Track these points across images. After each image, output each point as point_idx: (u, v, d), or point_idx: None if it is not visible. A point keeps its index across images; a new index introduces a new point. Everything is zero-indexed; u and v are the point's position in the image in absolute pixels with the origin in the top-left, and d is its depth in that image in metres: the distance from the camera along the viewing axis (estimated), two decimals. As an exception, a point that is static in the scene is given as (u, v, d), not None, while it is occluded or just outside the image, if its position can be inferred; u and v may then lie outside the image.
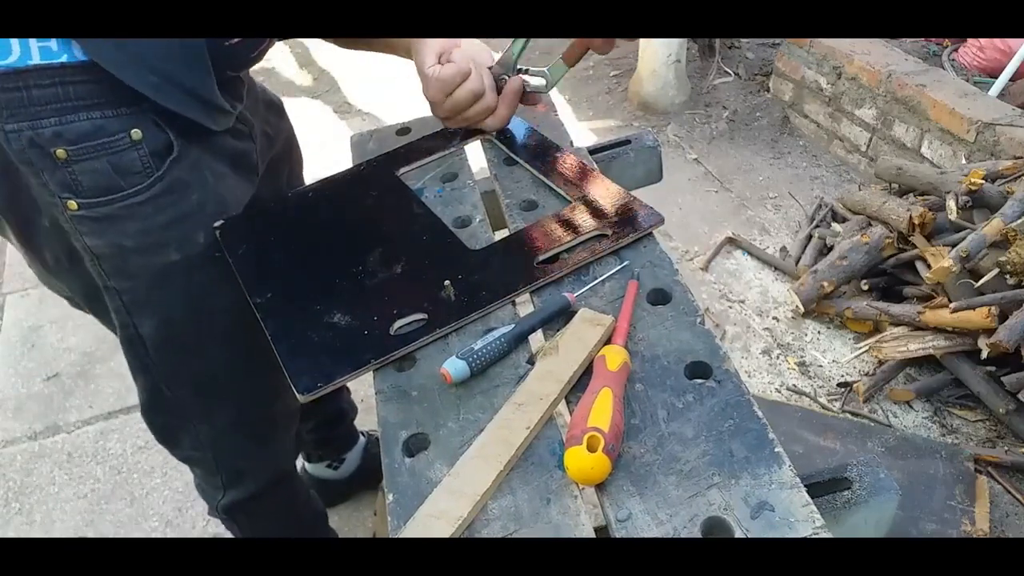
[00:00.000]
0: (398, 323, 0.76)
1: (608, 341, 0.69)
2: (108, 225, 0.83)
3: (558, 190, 0.92)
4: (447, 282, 0.79)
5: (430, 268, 0.83)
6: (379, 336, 0.75)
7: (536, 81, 0.98)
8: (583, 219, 0.85)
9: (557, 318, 0.74)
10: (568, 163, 0.95)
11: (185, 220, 0.87)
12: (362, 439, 1.66)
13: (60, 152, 0.77)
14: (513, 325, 0.73)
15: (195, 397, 1.00)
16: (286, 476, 1.23)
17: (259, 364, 0.92)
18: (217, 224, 0.91)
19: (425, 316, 0.76)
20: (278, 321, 0.80)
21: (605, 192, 0.89)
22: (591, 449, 0.57)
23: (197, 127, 0.85)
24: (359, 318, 0.78)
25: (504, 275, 0.80)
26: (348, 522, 1.65)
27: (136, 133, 0.80)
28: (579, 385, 0.67)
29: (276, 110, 1.12)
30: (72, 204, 0.81)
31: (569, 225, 0.85)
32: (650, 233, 0.83)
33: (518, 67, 0.96)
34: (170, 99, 0.80)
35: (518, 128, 1.04)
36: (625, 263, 0.80)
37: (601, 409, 0.60)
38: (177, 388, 0.99)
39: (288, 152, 1.16)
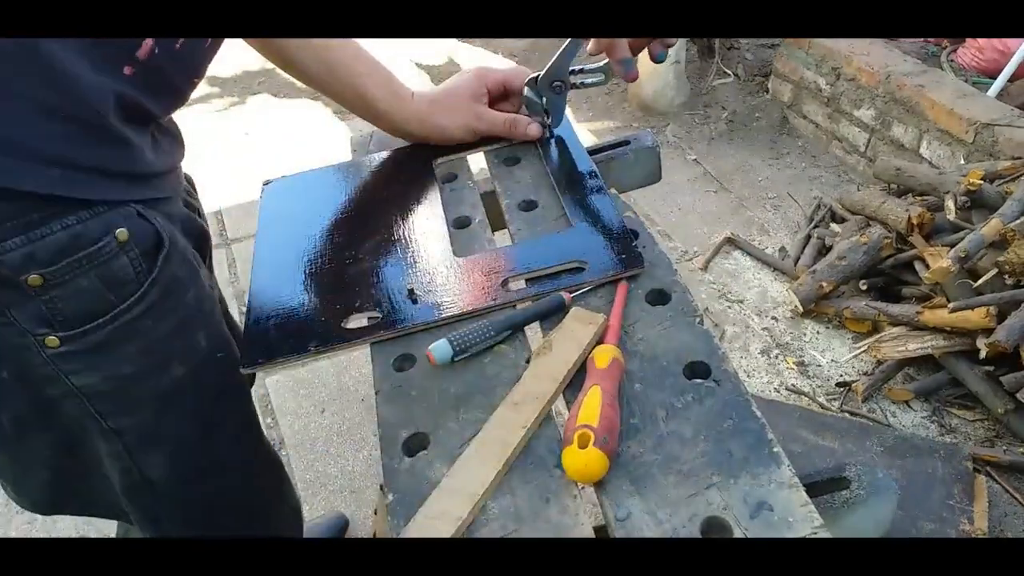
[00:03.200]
0: (352, 317, 0.77)
1: (602, 340, 0.69)
2: (102, 355, 0.69)
3: (560, 196, 0.90)
4: (411, 286, 0.79)
5: (410, 268, 0.82)
6: (331, 325, 0.76)
7: (594, 78, 0.99)
8: (570, 246, 0.81)
9: (553, 316, 0.74)
10: (585, 180, 0.92)
11: (187, 325, 0.75)
12: None
13: (33, 279, 0.62)
14: (504, 317, 0.73)
15: (205, 531, 0.87)
16: None
17: (265, 467, 0.85)
18: (266, 181, 0.92)
19: (379, 316, 0.77)
20: (260, 290, 0.82)
21: (607, 220, 0.84)
22: (582, 445, 0.58)
23: (164, 205, 0.72)
24: (324, 303, 0.79)
25: (469, 290, 0.78)
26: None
27: (123, 233, 0.66)
28: (575, 385, 0.67)
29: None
30: (52, 340, 0.66)
31: (552, 250, 0.81)
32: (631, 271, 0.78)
33: (572, 68, 0.97)
34: (90, 188, 0.63)
35: (567, 134, 1.03)
36: None
37: (590, 406, 0.60)
38: (190, 531, 0.85)
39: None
